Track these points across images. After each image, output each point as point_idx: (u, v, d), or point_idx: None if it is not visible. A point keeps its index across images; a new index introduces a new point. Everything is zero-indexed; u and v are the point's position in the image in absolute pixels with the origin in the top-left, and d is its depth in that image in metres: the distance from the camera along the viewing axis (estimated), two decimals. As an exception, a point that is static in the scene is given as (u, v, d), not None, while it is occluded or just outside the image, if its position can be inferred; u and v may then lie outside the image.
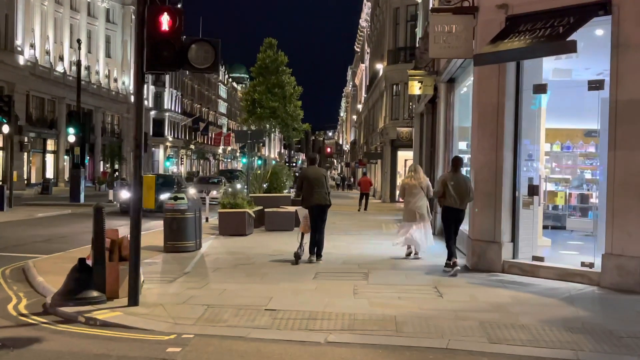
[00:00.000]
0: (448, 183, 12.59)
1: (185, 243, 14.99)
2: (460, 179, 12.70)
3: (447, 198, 12.57)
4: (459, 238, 14.91)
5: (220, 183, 37.26)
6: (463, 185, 12.56)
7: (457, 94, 18.96)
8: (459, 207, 12.59)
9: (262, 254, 14.83)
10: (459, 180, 12.64)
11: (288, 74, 26.46)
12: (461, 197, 12.48)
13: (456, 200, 12.48)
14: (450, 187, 12.51)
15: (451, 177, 12.75)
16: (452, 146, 19.05)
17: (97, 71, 74.35)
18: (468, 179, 13.05)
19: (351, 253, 15.12)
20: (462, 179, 12.72)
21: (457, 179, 12.66)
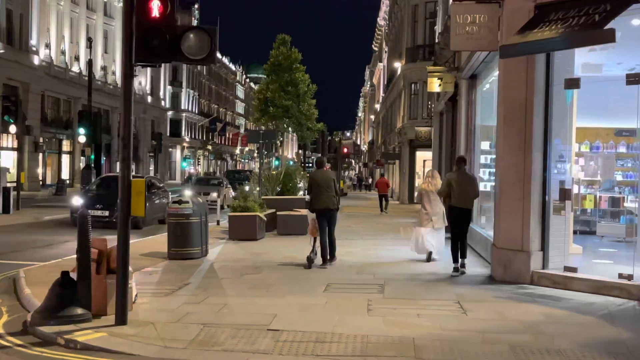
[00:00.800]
0: (453, 183, 12.50)
1: (190, 250, 14.10)
2: (466, 178, 12.67)
3: (452, 198, 12.51)
4: (482, 246, 13.96)
5: (222, 185, 35.67)
6: (468, 184, 12.54)
7: (479, 91, 17.94)
8: (465, 206, 12.54)
9: (271, 261, 13.91)
10: (464, 179, 12.61)
11: (302, 72, 25.46)
12: (466, 196, 12.46)
13: (461, 200, 12.45)
14: (455, 187, 12.44)
15: (456, 176, 12.68)
16: (474, 146, 18.04)
17: (114, 71, 73.71)
18: (474, 178, 13.14)
19: (366, 260, 14.15)
20: (467, 178, 12.71)
21: (462, 178, 12.60)
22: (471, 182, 12.74)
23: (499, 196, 11.63)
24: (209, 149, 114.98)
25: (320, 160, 14.90)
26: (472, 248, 16.22)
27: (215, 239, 18.59)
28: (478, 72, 17.48)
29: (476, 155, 17.92)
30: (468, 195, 12.53)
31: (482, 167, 17.56)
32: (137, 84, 79.69)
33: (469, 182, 12.68)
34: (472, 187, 12.65)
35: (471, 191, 12.60)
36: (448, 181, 12.73)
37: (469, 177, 13.03)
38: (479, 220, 17.53)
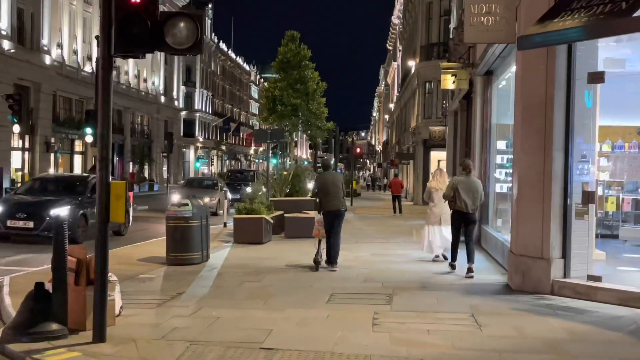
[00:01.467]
0: (458, 186, 12.49)
1: (189, 255, 13.37)
2: (471, 182, 12.67)
3: (457, 201, 12.49)
4: (499, 251, 13.18)
5: (216, 188, 32.47)
6: (473, 188, 12.55)
7: (495, 88, 17.12)
8: (468, 210, 12.51)
9: (275, 267, 13.16)
10: (469, 183, 12.61)
11: (311, 69, 24.60)
12: (471, 200, 12.46)
13: (466, 204, 12.44)
14: (460, 191, 12.44)
15: (461, 180, 12.69)
16: (490, 146, 17.21)
17: (127, 71, 73.35)
18: (479, 183, 13.02)
19: (375, 267, 13.35)
20: (472, 182, 12.70)
21: (467, 182, 12.61)
22: (477, 187, 12.69)
23: (516, 199, 10.81)
24: (223, 149, 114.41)
25: (327, 162, 14.55)
26: (488, 253, 15.41)
27: (220, 242, 17.94)
28: (494, 68, 16.68)
29: (492, 155, 17.10)
30: (473, 200, 12.53)
31: (499, 167, 16.74)
32: (150, 84, 79.36)
33: (475, 187, 12.65)
34: (478, 192, 12.63)
35: (476, 196, 12.59)
36: (453, 185, 12.65)
37: (476, 182, 12.93)
38: (494, 223, 16.72)
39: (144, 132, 79.05)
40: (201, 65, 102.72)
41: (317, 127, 24.93)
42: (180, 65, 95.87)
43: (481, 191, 12.81)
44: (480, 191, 12.79)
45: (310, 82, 24.29)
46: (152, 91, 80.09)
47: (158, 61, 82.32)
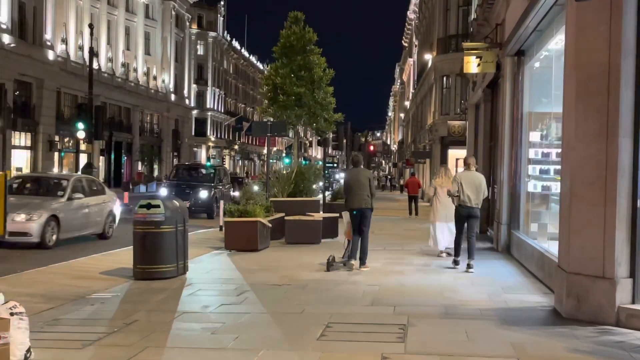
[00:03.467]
0: (461, 181, 12.65)
1: (161, 267, 11.02)
2: (474, 177, 12.83)
3: (461, 196, 12.62)
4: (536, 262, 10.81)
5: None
6: (477, 183, 12.71)
7: (527, 70, 14.72)
8: (472, 205, 12.61)
9: (265, 282, 10.79)
10: (473, 178, 12.76)
11: (317, 54, 22.19)
12: (474, 194, 12.59)
13: (469, 198, 12.56)
14: (463, 185, 12.60)
15: (464, 175, 12.89)
16: (521, 138, 14.80)
17: (135, 68, 71.43)
18: (482, 177, 13.12)
19: (386, 282, 10.92)
20: (475, 177, 12.87)
21: (470, 177, 12.78)
22: (480, 182, 12.84)
23: (567, 201, 8.36)
24: (236, 148, 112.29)
25: (356, 159, 13.57)
26: (521, 264, 12.97)
27: (209, 248, 15.68)
28: (527, 46, 14.27)
29: (523, 149, 14.69)
30: (476, 194, 12.64)
31: (532, 162, 14.33)
32: (160, 81, 77.43)
33: (479, 181, 12.81)
34: (481, 187, 12.80)
35: (480, 191, 12.74)
36: (458, 180, 12.79)
37: (479, 176, 13.06)
38: (526, 228, 14.30)
39: (154, 131, 77.13)
40: (213, 64, 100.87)
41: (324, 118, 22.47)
42: (192, 63, 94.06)
43: (484, 186, 12.92)
44: (484, 186, 12.90)
45: (316, 69, 21.86)
46: (162, 89, 78.22)
47: (168, 58, 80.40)
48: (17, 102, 47.51)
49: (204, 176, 28.99)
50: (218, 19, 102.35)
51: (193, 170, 31.04)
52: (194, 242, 16.87)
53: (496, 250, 15.54)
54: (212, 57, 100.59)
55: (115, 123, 65.06)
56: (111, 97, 63.55)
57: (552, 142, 13.49)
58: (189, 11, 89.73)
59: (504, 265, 12.94)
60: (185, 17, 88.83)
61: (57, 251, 14.77)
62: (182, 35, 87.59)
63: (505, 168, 15.21)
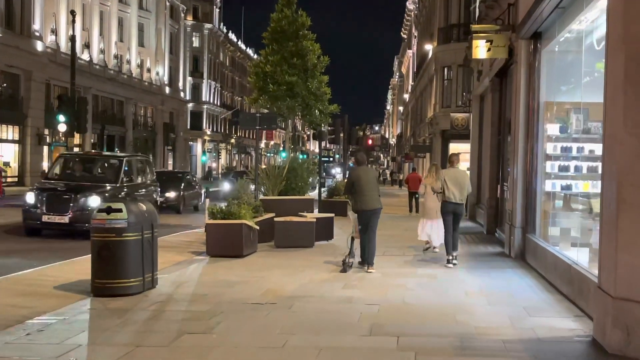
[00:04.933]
0: (446, 178, 13.07)
1: (123, 282, 9.40)
2: (458, 173, 13.33)
3: (446, 193, 13.02)
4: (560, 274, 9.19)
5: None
6: (461, 180, 13.14)
7: (545, 54, 13.11)
8: (457, 201, 13.06)
9: (244, 299, 9.17)
10: (457, 175, 13.21)
11: (311, 40, 20.45)
12: (458, 191, 13.03)
13: (454, 195, 12.99)
14: (447, 182, 12.98)
15: (448, 172, 13.30)
16: (537, 131, 13.19)
17: (129, 60, 69.75)
18: (466, 174, 13.90)
19: (388, 300, 9.29)
20: (459, 173, 13.40)
21: (454, 174, 13.21)
22: (464, 179, 13.33)
23: (613, 208, 6.73)
24: (232, 142, 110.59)
25: (362, 158, 13.21)
26: (539, 274, 11.38)
27: (190, 253, 14.11)
28: (545, 27, 12.67)
29: (540, 143, 13.09)
30: (460, 191, 13.09)
31: (550, 158, 12.75)
32: (154, 74, 75.78)
33: (462, 178, 13.31)
34: (465, 183, 13.23)
35: (464, 187, 13.17)
36: (442, 177, 13.21)
37: (463, 173, 13.75)
38: (543, 231, 12.72)
39: (148, 124, 75.48)
40: (209, 56, 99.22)
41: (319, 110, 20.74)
42: (187, 55, 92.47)
43: (468, 182, 13.44)
44: (467, 182, 13.41)
45: (310, 55, 20.12)
46: (156, 81, 76.61)
47: (162, 50, 78.74)
48: (4, 95, 46.01)
49: (105, 172, 19.46)
50: (214, 10, 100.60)
51: (88, 162, 19.96)
52: (174, 246, 15.35)
53: (508, 256, 13.96)
54: (208, 49, 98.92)
55: (107, 116, 63.52)
56: (103, 90, 61.99)
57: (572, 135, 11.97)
58: (184, 2, 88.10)
59: (520, 277, 11.35)
60: (180, 9, 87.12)
61: (12, 258, 13.15)
62: (177, 27, 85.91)
63: (519, 164, 13.59)
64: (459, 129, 31.62)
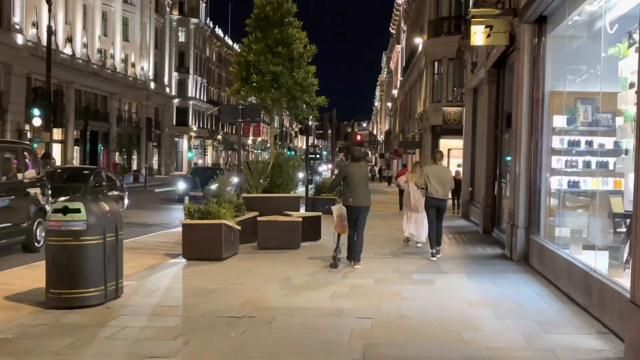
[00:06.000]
0: (429, 174, 13.30)
1: (81, 292, 8.26)
2: (440, 170, 13.59)
3: (429, 189, 13.26)
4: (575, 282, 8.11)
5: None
6: (442, 176, 13.39)
7: (551, 40, 12.05)
8: (440, 197, 13.32)
9: (220, 311, 8.06)
10: (439, 171, 13.47)
11: (297, 28, 19.23)
12: (441, 187, 13.29)
13: (437, 191, 13.23)
14: (430, 178, 13.21)
15: (431, 168, 13.60)
16: (542, 123, 12.13)
17: (113, 55, 68.39)
18: (448, 170, 14.44)
19: (382, 312, 8.16)
20: (441, 170, 13.66)
21: (436, 170, 13.47)
22: (446, 175, 13.67)
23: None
24: (219, 138, 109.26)
25: (357, 154, 13.03)
26: (546, 278, 10.33)
27: (165, 255, 13.01)
28: (551, 10, 11.62)
29: (545, 137, 12.03)
30: (443, 186, 13.36)
31: (556, 153, 11.71)
32: (139, 69, 74.45)
33: (445, 174, 13.62)
34: (447, 179, 13.55)
35: (447, 183, 13.48)
36: (425, 173, 13.45)
37: (445, 169, 14.10)
38: (549, 232, 11.69)
39: (132, 120, 74.10)
40: (195, 51, 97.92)
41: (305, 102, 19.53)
42: (173, 50, 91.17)
43: (450, 178, 13.82)
44: (450, 178, 13.77)
45: (296, 44, 18.91)
46: (141, 77, 75.30)
47: (147, 45, 77.42)
48: (-18, 89, 44.76)
49: None
50: (200, 5, 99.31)
51: None
52: (148, 248, 14.25)
53: (510, 258, 12.90)
54: (194, 44, 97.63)
55: (91, 111, 62.21)
56: (86, 85, 60.69)
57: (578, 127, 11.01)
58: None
59: (527, 283, 10.27)
60: (166, 3, 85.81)
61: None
62: (162, 21, 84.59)
63: (522, 160, 12.52)
64: (451, 123, 30.58)
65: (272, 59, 19.08)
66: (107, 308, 8.24)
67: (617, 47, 8.80)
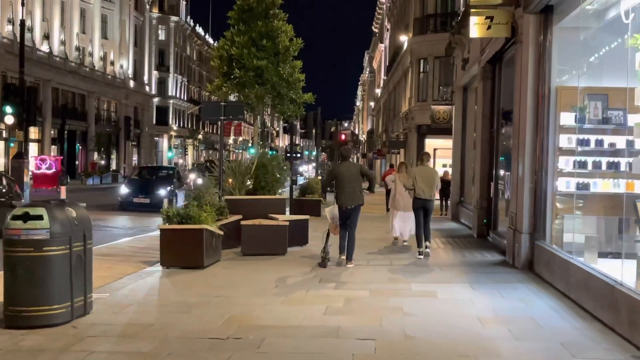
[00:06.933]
0: (416, 176, 13.57)
1: (43, 310, 7.28)
2: (427, 171, 13.84)
3: (416, 189, 13.52)
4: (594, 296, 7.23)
5: None
6: (429, 177, 13.66)
7: (557, 32, 11.22)
8: (427, 197, 13.52)
9: (200, 335, 7.10)
10: (426, 172, 13.72)
11: (282, 20, 18.23)
12: (428, 188, 13.51)
13: (424, 191, 13.48)
14: (418, 180, 13.48)
15: (418, 170, 13.87)
16: (548, 121, 11.28)
17: (91, 53, 67.10)
18: (435, 171, 14.52)
19: (385, 332, 7.22)
20: (428, 171, 13.90)
21: (423, 171, 13.74)
22: (433, 176, 13.87)
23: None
24: (199, 138, 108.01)
25: (346, 153, 13.14)
26: (557, 289, 9.48)
27: (142, 263, 12.06)
28: (558, 0, 10.80)
29: (551, 136, 11.19)
30: (430, 187, 13.55)
31: (564, 153, 10.90)
32: (118, 67, 73.18)
33: (431, 175, 13.82)
34: (433, 180, 13.75)
35: (433, 184, 13.66)
36: (413, 175, 13.73)
37: (432, 171, 14.25)
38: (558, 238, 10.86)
39: (111, 119, 72.78)
40: (175, 49, 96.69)
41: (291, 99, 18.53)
42: (153, 49, 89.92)
43: (437, 179, 14.04)
44: (437, 179, 13.99)
45: (282, 37, 17.90)
46: (120, 75, 74.04)
47: (127, 43, 76.16)
48: (-46, 87, 43.48)
49: None
50: (180, 3, 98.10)
51: None
52: (124, 254, 13.29)
53: (512, 265, 12.06)
54: (174, 42, 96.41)
55: (68, 110, 60.95)
56: (64, 83, 59.47)
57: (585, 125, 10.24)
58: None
59: (537, 295, 9.40)
60: (145, 0, 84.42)
61: None
62: (142, 19, 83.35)
63: (527, 160, 11.66)
64: (440, 122, 29.69)
65: (256, 53, 18.07)
66: (73, 327, 7.29)
67: (635, 37, 8.01)
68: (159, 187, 25.39)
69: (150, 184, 25.62)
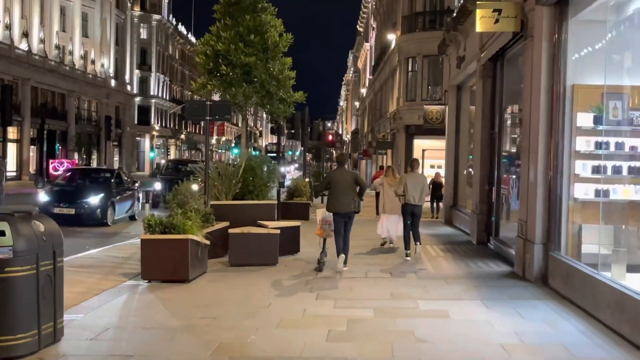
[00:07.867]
0: (407, 182, 13.93)
1: (6, 340, 6.29)
2: (417, 178, 14.21)
3: (407, 196, 13.89)
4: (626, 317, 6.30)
5: None
6: (419, 184, 14.05)
7: (573, 26, 10.34)
8: (416, 203, 13.92)
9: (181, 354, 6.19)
10: (416, 178, 14.10)
11: (272, 14, 17.20)
12: (417, 194, 13.91)
13: (414, 197, 13.87)
14: (408, 186, 13.86)
15: (408, 176, 14.26)
16: (563, 122, 10.40)
17: (71, 51, 65.75)
18: (424, 177, 14.87)
19: (397, 361, 6.41)
20: (418, 178, 14.28)
21: (414, 177, 14.11)
22: (423, 183, 14.20)
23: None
24: (182, 138, 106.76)
25: (341, 159, 13.69)
26: (581, 308, 8.59)
27: (121, 276, 11.06)
28: (576, -10, 9.95)
29: (567, 139, 10.31)
30: (419, 193, 13.92)
31: (581, 157, 10.03)
32: (99, 66, 71.86)
33: (421, 182, 14.14)
34: (423, 186, 14.10)
35: (423, 190, 14.02)
36: (404, 181, 14.02)
37: (422, 177, 14.55)
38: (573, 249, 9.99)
39: (92, 119, 71.45)
40: (157, 48, 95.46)
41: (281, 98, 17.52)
42: (134, 47, 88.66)
43: (426, 185, 14.32)
44: (425, 185, 14.28)
45: (271, 32, 16.89)
46: (101, 74, 72.73)
47: (108, 41, 74.86)
48: None
49: None
50: (162, 1, 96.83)
51: None
52: (100, 265, 12.26)
53: (522, 278, 11.15)
54: (157, 41, 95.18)
55: (48, 109, 59.51)
56: (43, 82, 58.15)
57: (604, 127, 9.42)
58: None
59: (560, 315, 8.48)
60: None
61: None
62: (123, 17, 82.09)
63: (539, 164, 10.76)
64: (433, 122, 28.76)
65: (243, 49, 17.04)
66: (39, 359, 6.30)
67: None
68: (89, 195, 20.27)
69: (78, 191, 20.71)
